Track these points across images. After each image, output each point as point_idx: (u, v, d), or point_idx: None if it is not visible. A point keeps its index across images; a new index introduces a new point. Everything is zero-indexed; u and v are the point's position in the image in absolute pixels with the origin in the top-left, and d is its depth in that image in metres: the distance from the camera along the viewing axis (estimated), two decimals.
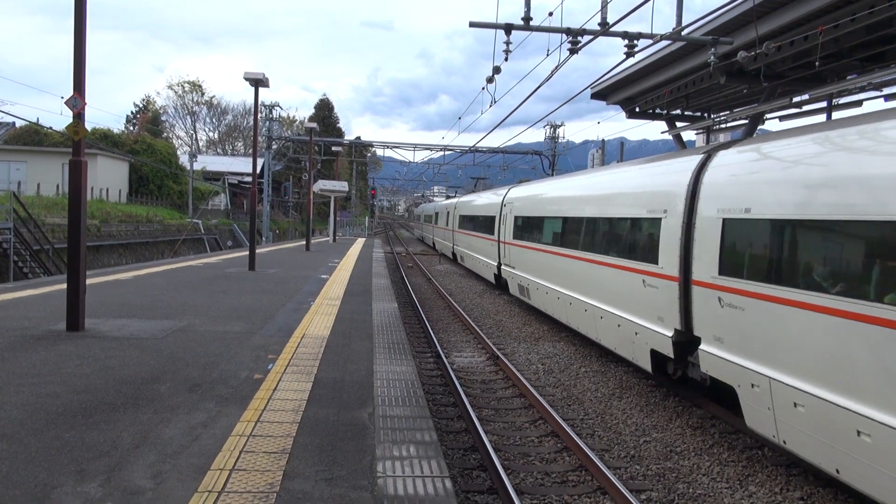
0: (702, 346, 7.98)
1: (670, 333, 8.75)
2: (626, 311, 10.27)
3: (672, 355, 8.79)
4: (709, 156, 8.64)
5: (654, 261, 9.24)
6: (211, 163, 65.39)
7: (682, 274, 8.49)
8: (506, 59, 15.55)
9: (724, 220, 7.66)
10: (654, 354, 9.37)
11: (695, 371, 8.73)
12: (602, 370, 11.82)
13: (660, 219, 9.31)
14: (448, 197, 57.35)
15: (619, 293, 10.62)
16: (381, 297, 14.02)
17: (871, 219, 5.54)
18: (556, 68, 14.41)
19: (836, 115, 16.12)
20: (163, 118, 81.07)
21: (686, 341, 8.57)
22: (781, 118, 19.40)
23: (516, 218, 19.07)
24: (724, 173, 8.04)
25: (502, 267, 20.51)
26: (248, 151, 78.58)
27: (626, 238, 10.60)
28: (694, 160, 8.88)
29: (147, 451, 4.63)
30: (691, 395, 9.76)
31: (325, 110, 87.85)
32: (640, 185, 10.64)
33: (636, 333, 9.81)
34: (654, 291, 9.26)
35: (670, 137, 24.02)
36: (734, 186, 7.68)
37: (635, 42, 14.72)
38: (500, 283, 21.55)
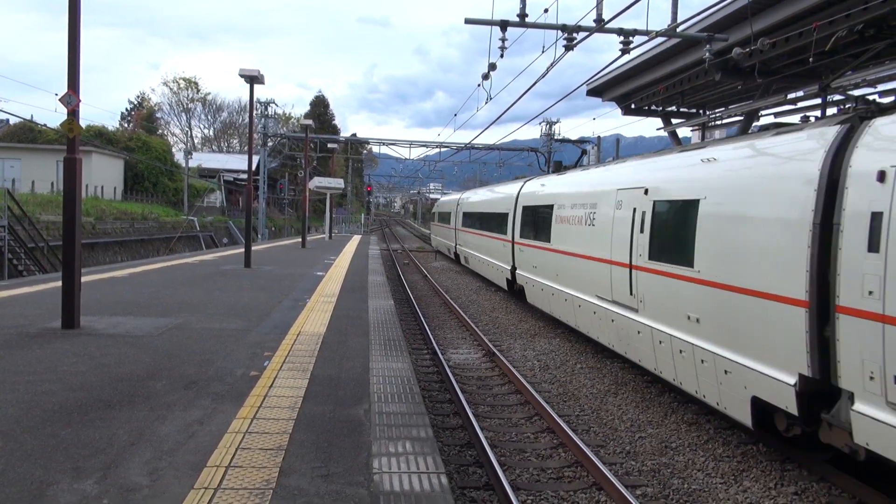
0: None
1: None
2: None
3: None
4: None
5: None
6: (206, 160, 65.28)
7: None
8: (501, 56, 15.56)
9: None
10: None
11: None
12: (598, 367, 11.86)
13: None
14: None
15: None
16: (377, 294, 14.02)
17: None
18: (552, 65, 14.42)
19: (830, 111, 16.16)
20: (158, 115, 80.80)
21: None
22: (777, 115, 19.46)
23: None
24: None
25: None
26: (243, 148, 78.37)
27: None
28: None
29: (143, 449, 4.64)
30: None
31: (320, 107, 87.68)
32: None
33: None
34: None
35: (666, 134, 24.06)
36: None
37: (631, 39, 14.75)
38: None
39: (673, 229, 9.06)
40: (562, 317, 13.77)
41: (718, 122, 22.11)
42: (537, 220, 15.95)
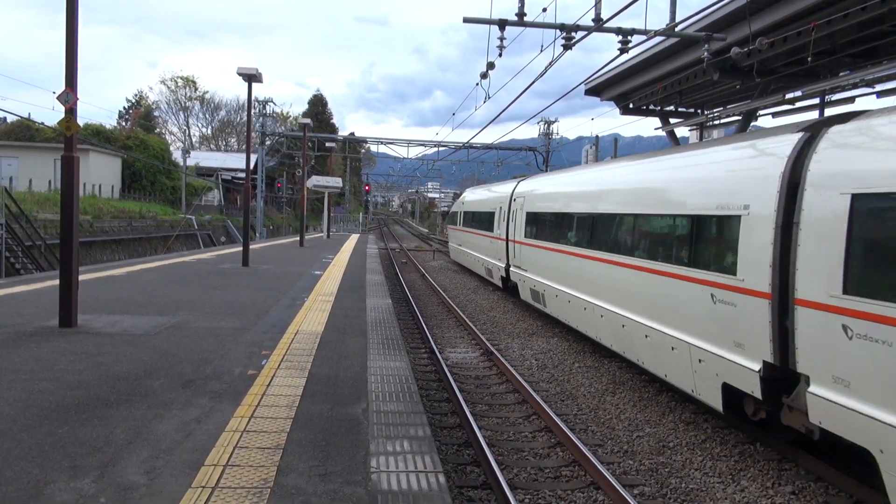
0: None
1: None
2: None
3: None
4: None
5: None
6: (204, 158, 65.15)
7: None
8: (500, 55, 15.57)
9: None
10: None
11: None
12: (595, 366, 11.86)
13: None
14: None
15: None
16: (375, 293, 14.01)
17: None
18: (550, 64, 14.42)
19: (828, 111, 16.19)
20: (156, 114, 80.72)
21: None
22: (774, 114, 19.48)
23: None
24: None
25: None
26: (241, 147, 78.25)
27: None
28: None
29: (140, 447, 4.63)
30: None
31: (318, 106, 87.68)
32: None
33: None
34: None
35: (664, 134, 24.08)
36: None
37: (629, 38, 14.76)
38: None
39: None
40: None
41: (716, 122, 22.12)
42: None
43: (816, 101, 16.56)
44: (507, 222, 18.63)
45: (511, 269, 18.23)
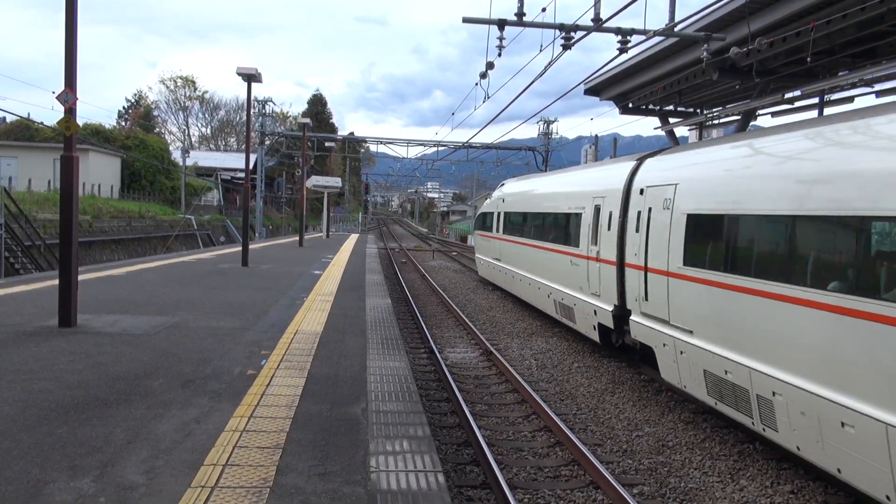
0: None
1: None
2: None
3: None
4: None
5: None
6: (203, 158, 65.14)
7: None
8: (499, 55, 15.57)
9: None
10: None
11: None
12: (595, 365, 11.87)
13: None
14: None
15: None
16: (374, 292, 14.02)
17: None
18: (550, 64, 14.43)
19: (827, 111, 16.20)
20: (155, 114, 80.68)
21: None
22: (773, 114, 19.48)
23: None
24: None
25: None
26: (240, 147, 78.19)
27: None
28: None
29: (140, 447, 4.63)
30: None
31: (318, 105, 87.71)
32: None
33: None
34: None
35: (663, 133, 24.08)
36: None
37: (628, 38, 14.76)
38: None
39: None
40: None
41: (716, 122, 22.13)
42: None
43: (815, 100, 16.56)
44: (622, 232, 10.63)
45: (638, 319, 9.88)
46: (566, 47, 14.50)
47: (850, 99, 16.02)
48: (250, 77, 18.14)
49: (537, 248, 15.51)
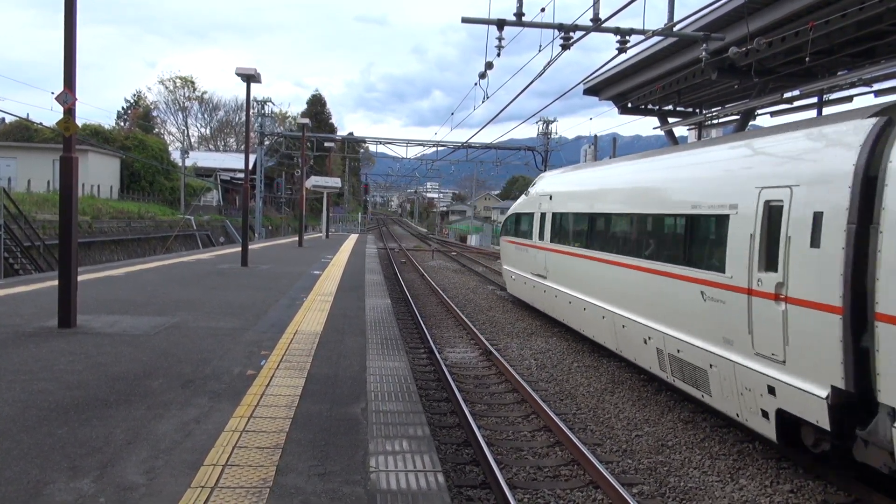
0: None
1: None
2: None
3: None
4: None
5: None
6: (202, 159, 65.10)
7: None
8: (498, 55, 15.56)
9: None
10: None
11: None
12: (594, 365, 11.87)
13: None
14: None
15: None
16: (374, 292, 14.02)
17: None
18: (549, 64, 14.43)
19: (826, 110, 16.20)
20: (154, 114, 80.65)
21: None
22: (773, 114, 19.48)
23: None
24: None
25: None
26: (240, 147, 78.18)
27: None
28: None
29: (140, 447, 4.63)
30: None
31: (317, 106, 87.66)
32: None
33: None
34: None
35: (662, 133, 24.09)
36: None
37: (627, 38, 14.76)
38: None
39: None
40: None
41: (715, 122, 22.13)
42: None
43: (814, 100, 16.56)
44: (857, 252, 5.91)
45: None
46: (565, 47, 14.50)
47: (849, 98, 16.02)
48: (249, 77, 18.15)
49: (620, 265, 10.83)
